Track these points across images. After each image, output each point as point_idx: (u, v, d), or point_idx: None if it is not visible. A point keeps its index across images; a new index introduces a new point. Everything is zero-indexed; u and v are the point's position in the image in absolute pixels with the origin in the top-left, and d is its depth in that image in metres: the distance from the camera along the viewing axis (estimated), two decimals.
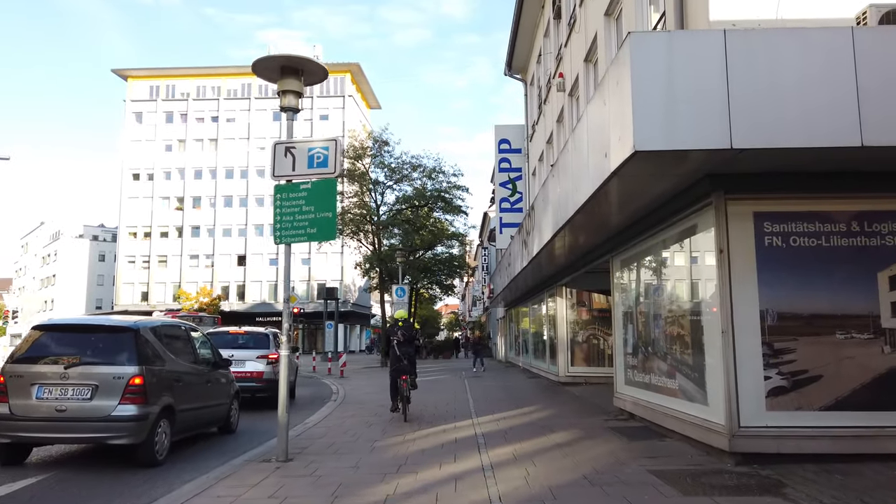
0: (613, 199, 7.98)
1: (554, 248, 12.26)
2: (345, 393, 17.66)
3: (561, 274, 16.62)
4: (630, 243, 9.99)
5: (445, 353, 46.44)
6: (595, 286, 17.11)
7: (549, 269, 16.07)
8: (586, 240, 11.46)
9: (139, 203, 65.83)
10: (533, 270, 16.09)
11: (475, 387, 17.92)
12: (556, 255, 13.26)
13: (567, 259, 14.07)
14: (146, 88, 68.01)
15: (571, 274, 15.62)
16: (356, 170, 33.86)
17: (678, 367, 8.07)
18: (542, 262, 14.30)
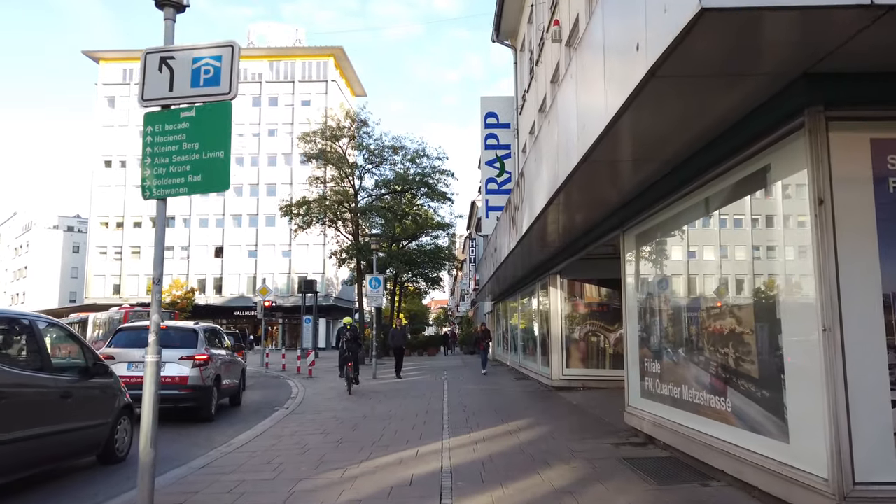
0: (641, 134, 5.48)
1: (547, 223, 9.79)
2: (303, 397, 15.15)
3: (554, 260, 14.17)
4: (652, 210, 7.52)
5: (431, 349, 43.94)
6: (594, 275, 14.66)
7: (541, 253, 13.61)
8: (590, 209, 9.01)
9: (111, 191, 62.77)
10: (522, 255, 13.62)
11: (455, 391, 15.43)
12: (550, 232, 10.79)
13: (563, 239, 11.59)
14: (119, 71, 64.84)
15: (567, 259, 13.16)
16: (333, 152, 31.30)
17: (731, 380, 5.61)
18: (532, 244, 11.82)
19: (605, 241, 9.68)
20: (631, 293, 8.82)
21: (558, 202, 8.16)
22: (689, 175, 6.19)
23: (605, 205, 8.65)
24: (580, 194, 7.97)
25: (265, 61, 64.92)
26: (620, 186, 7.56)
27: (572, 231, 10.66)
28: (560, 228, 10.30)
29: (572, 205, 8.63)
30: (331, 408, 12.86)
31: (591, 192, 7.91)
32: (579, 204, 8.66)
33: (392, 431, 9.42)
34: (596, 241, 10.12)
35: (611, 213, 8.90)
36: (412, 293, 58.51)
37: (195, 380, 10.74)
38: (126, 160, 63.34)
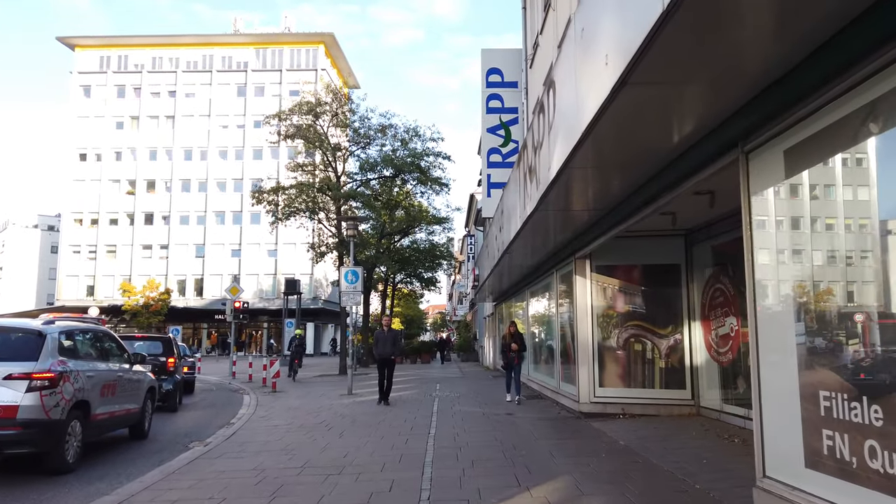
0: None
1: (601, 144, 5.80)
2: (244, 423, 11.32)
3: (584, 237, 10.26)
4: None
5: (424, 355, 39.94)
6: (637, 258, 10.75)
7: (569, 223, 9.68)
8: (700, 97, 5.03)
9: (86, 186, 58.78)
10: (541, 227, 9.69)
11: (447, 417, 11.46)
12: (604, 162, 6.76)
13: (626, 176, 7.55)
14: (95, 59, 60.97)
15: (602, 234, 9.28)
16: (311, 129, 27.38)
17: None
18: (563, 199, 7.88)
19: (705, 174, 5.71)
20: (767, 268, 4.84)
21: (636, 85, 4.21)
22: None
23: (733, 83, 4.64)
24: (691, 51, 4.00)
25: (251, 49, 61.13)
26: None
27: (650, 154, 6.59)
28: (624, 152, 6.24)
29: (669, 82, 4.65)
30: (266, 445, 8.93)
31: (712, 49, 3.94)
32: (684, 76, 4.65)
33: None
34: (695, 173, 6.04)
35: (734, 107, 4.89)
36: (406, 296, 54.61)
37: (31, 411, 6.76)
38: (101, 153, 59.43)
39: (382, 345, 13.77)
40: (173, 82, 60.69)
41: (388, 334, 14.04)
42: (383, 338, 13.88)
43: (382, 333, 14.08)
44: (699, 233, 9.98)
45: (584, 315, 10.79)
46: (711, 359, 9.67)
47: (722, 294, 9.24)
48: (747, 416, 8.48)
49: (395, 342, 14.01)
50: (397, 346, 14.29)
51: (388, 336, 13.94)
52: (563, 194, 7.26)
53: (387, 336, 13.92)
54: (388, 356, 13.69)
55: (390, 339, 13.90)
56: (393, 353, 13.77)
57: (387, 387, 13.59)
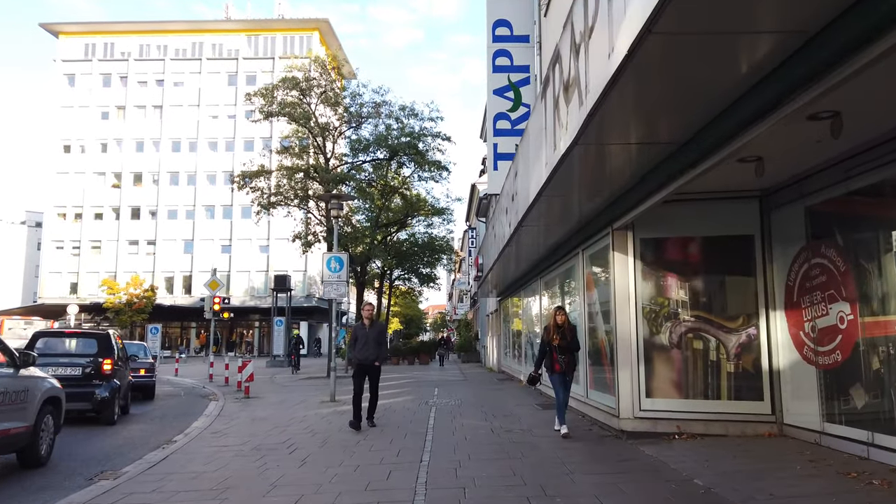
0: None
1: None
2: (186, 443, 8.77)
3: (626, 200, 7.73)
4: None
5: (422, 355, 37.36)
6: (696, 229, 8.21)
7: (605, 184, 7.15)
8: None
9: (70, 179, 56.18)
10: (571, 182, 7.14)
11: (447, 436, 8.92)
12: (666, 87, 4.27)
13: (683, 115, 5.07)
14: (80, 46, 58.38)
15: (659, 190, 6.76)
16: (296, 107, 24.86)
17: None
18: (612, 128, 5.32)
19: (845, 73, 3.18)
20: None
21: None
22: None
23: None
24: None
25: (242, 35, 58.58)
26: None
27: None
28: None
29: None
30: (195, 479, 6.44)
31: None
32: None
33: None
34: (824, 73, 3.59)
35: None
36: (404, 294, 52.09)
37: None
38: (86, 145, 56.87)
39: (363, 345, 9.71)
40: (161, 71, 58.13)
41: (372, 330, 9.85)
42: (364, 335, 9.77)
43: (363, 329, 9.87)
44: (784, 192, 7.44)
45: (626, 304, 8.23)
46: (803, 360, 7.13)
47: (824, 272, 6.70)
48: (872, 441, 5.94)
49: (379, 342, 9.84)
50: (383, 347, 10.09)
51: (370, 333, 9.79)
52: (631, 98, 4.69)
53: (369, 333, 9.78)
54: (370, 362, 9.70)
55: (374, 337, 9.79)
56: (378, 357, 9.76)
57: (371, 402, 9.96)
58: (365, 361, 9.74)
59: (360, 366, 9.83)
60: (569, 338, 8.28)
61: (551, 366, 8.33)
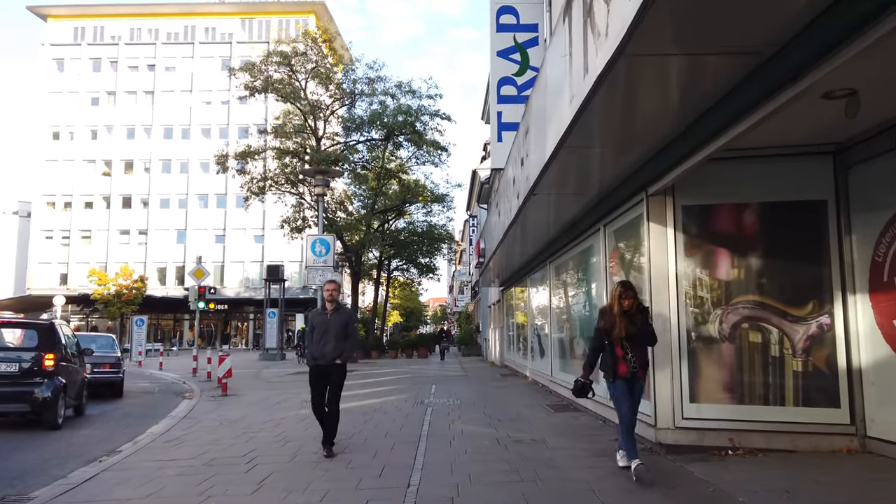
0: None
1: None
2: (117, 461, 7.18)
3: (665, 156, 6.14)
4: None
5: (421, 349, 35.84)
6: (761, 190, 6.62)
7: (655, 125, 5.56)
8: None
9: (59, 167, 54.56)
10: (604, 122, 5.54)
11: (440, 456, 7.36)
12: None
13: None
14: (69, 30, 56.64)
15: (707, 144, 5.21)
16: (284, 84, 23.23)
17: None
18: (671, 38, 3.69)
19: None
20: None
21: None
22: None
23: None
24: None
25: (236, 19, 56.82)
26: None
27: None
28: None
29: None
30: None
31: None
32: None
33: None
34: None
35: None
36: (403, 285, 50.56)
37: None
38: (75, 131, 55.20)
39: (321, 338, 7.09)
40: (152, 55, 56.38)
41: (335, 318, 7.13)
42: (323, 325, 7.11)
43: (323, 316, 7.21)
44: (868, 144, 5.85)
45: (663, 287, 6.65)
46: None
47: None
48: None
49: (345, 334, 7.14)
50: (350, 341, 7.25)
51: (332, 322, 7.09)
52: None
53: (330, 321, 7.09)
54: (330, 360, 7.03)
55: (337, 327, 7.09)
56: (341, 353, 7.10)
57: (330, 420, 7.15)
58: (323, 360, 7.02)
59: (316, 366, 7.07)
60: (638, 325, 5.55)
61: (612, 368, 5.58)
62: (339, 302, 7.35)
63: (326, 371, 7.07)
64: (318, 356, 7.09)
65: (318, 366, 7.11)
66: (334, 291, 7.29)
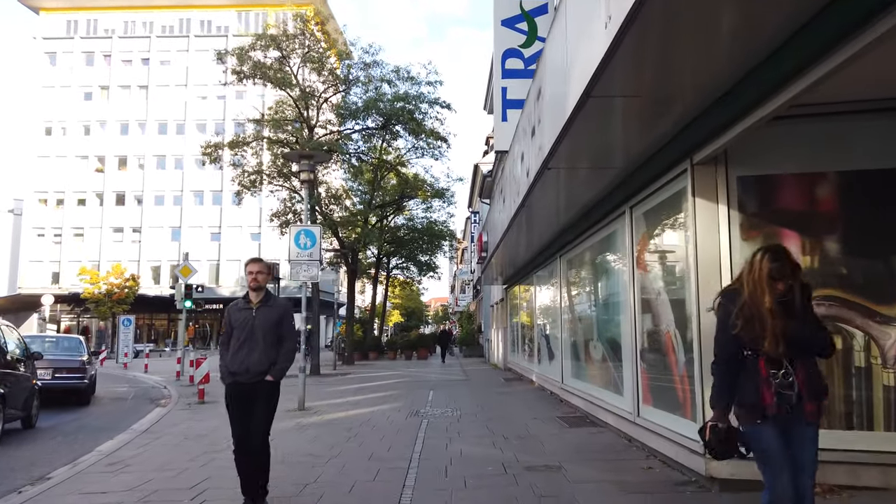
0: None
1: None
2: (30, 496, 5.79)
3: (720, 110, 4.74)
4: None
5: (421, 350, 34.50)
6: (839, 157, 5.20)
7: (710, 72, 4.16)
8: None
9: (51, 163, 53.23)
10: (634, 71, 4.14)
11: (433, 484, 6.00)
12: None
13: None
14: (62, 23, 55.33)
15: (778, 92, 3.78)
16: (274, 70, 21.93)
17: None
18: None
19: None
20: None
21: None
22: None
23: None
24: None
25: (232, 11, 55.45)
26: None
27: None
28: None
29: None
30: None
31: None
32: None
33: None
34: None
35: None
36: (404, 284, 49.22)
37: None
38: (68, 127, 53.92)
39: (243, 344, 4.88)
40: (147, 49, 55.06)
41: (263, 314, 4.89)
42: (246, 324, 4.89)
43: (246, 312, 4.93)
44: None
45: (713, 278, 5.29)
46: None
47: None
48: None
49: (277, 336, 4.93)
50: (287, 346, 5.00)
51: (259, 319, 4.88)
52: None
53: (257, 319, 4.88)
54: (255, 376, 4.84)
55: (266, 327, 4.88)
56: (270, 366, 4.88)
57: (257, 466, 4.96)
58: (244, 376, 4.80)
59: (235, 385, 4.86)
60: (804, 322, 3.14)
61: (755, 400, 3.10)
62: (269, 291, 5.06)
63: (250, 392, 4.81)
64: (238, 370, 4.83)
65: (237, 385, 4.85)
66: (260, 275, 4.92)
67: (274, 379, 4.89)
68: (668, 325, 6.16)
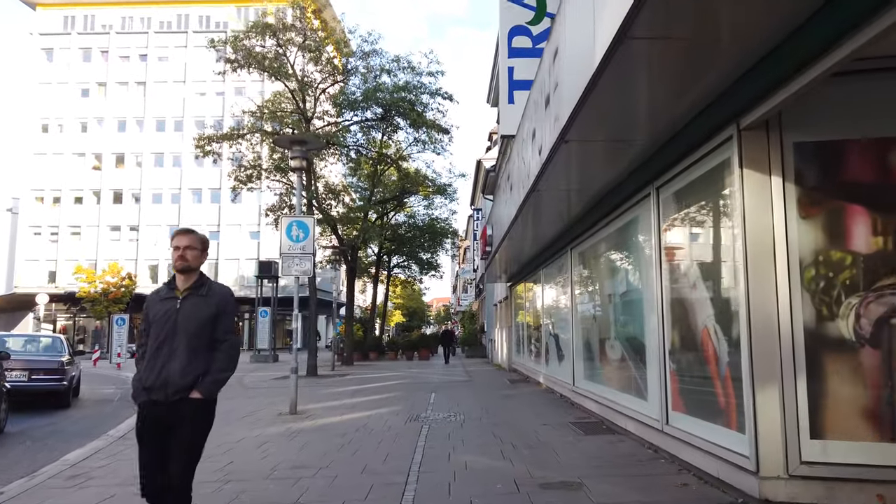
0: None
1: None
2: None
3: (775, 63, 3.90)
4: None
5: (423, 350, 33.66)
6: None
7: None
8: None
9: (48, 161, 52.53)
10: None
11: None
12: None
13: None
14: (59, 19, 54.62)
15: (851, 38, 2.88)
16: (269, 58, 21.17)
17: None
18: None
19: None
20: None
21: None
22: None
23: None
24: None
25: (231, 6, 54.67)
26: None
27: None
28: None
29: None
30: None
31: None
32: None
33: None
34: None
35: None
36: (405, 283, 48.46)
37: None
38: (65, 124, 53.21)
39: (161, 346, 3.48)
40: (144, 45, 54.33)
41: (193, 305, 3.53)
42: (166, 317, 3.49)
43: (168, 301, 3.55)
44: None
45: (766, 264, 4.47)
46: None
47: None
48: None
49: (209, 337, 3.54)
50: (225, 350, 3.58)
51: (183, 315, 3.50)
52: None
53: (181, 314, 3.50)
54: (177, 391, 3.44)
55: (195, 324, 3.50)
56: (198, 378, 3.49)
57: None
58: (160, 392, 3.45)
59: (150, 404, 3.47)
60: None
61: None
62: (204, 275, 3.70)
63: (169, 416, 3.43)
64: (153, 384, 3.44)
65: (152, 405, 3.46)
66: (189, 251, 3.58)
67: (203, 396, 3.45)
68: (705, 321, 5.34)
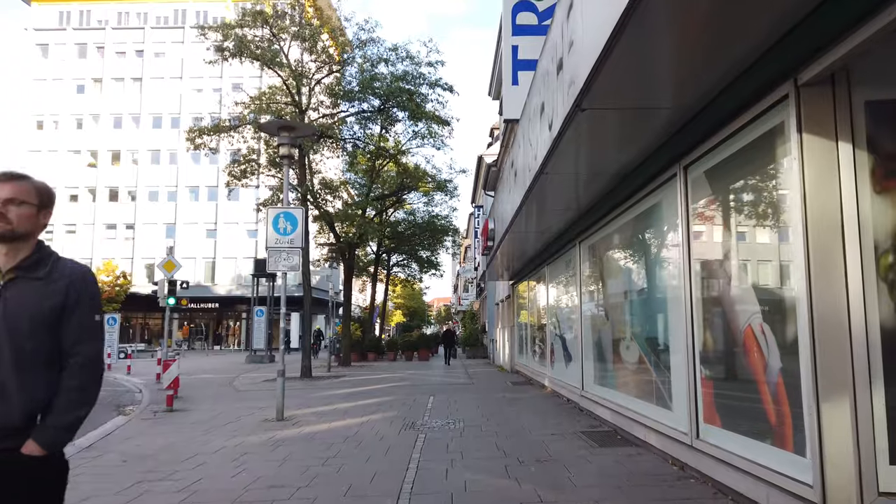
0: None
1: None
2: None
3: (836, 10, 3.05)
4: None
5: (422, 350, 32.83)
6: None
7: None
8: None
9: (42, 158, 51.70)
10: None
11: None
12: None
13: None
14: (54, 14, 53.80)
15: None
16: (261, 47, 20.38)
17: None
18: None
19: None
20: None
21: None
22: None
23: None
24: None
25: (228, 1, 53.84)
26: None
27: None
28: None
29: None
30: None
31: None
32: None
33: None
34: None
35: None
36: (404, 283, 47.67)
37: None
38: (60, 120, 52.43)
39: None
40: (141, 40, 53.51)
41: (22, 291, 2.20)
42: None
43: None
44: None
45: (832, 243, 3.64)
46: None
47: None
48: None
49: (53, 348, 2.21)
50: (72, 368, 2.19)
51: (14, 303, 2.16)
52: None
53: (8, 302, 2.15)
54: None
55: (27, 323, 2.15)
56: (32, 420, 2.12)
57: None
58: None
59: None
60: None
61: None
62: (46, 246, 2.55)
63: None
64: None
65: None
66: (13, 206, 2.23)
67: (44, 451, 2.09)
68: (749, 319, 4.51)
